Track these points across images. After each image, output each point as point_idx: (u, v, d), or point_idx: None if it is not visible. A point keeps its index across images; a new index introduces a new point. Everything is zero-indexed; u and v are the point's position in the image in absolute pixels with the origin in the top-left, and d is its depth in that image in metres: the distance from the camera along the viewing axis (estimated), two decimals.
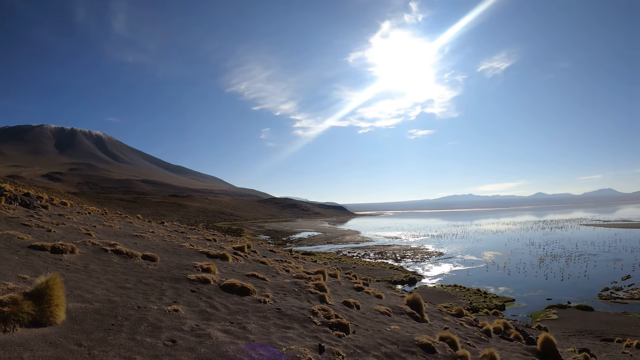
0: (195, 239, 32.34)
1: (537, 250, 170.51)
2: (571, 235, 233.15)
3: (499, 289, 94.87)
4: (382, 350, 10.42)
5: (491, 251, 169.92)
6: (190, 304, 10.39)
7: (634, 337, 53.57)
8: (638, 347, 45.65)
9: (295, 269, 24.42)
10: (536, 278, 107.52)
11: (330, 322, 11.27)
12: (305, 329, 10.39)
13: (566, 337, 54.11)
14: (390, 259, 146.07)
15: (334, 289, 19.73)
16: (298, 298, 13.99)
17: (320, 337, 9.97)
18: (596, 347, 45.92)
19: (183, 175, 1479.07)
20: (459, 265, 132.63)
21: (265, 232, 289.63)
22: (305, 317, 11.27)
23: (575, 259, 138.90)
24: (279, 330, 9.84)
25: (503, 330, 22.36)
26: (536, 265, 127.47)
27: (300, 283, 16.49)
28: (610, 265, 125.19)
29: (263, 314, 10.79)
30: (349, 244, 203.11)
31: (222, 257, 20.46)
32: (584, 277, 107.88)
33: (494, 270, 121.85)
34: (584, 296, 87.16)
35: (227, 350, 7.71)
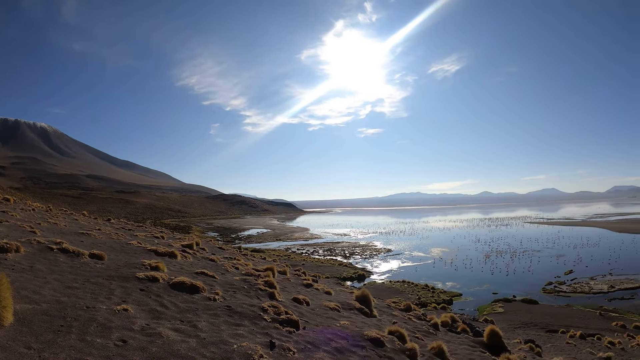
0: (143, 236, 31.85)
1: (483, 246, 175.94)
2: (516, 233, 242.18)
3: (447, 284, 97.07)
4: (332, 345, 10.64)
5: (438, 248, 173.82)
6: (140, 303, 10.36)
7: (577, 328, 55.96)
8: (581, 337, 47.71)
9: (245, 266, 24.44)
10: (482, 273, 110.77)
11: (281, 319, 11.47)
12: (255, 325, 10.55)
13: (512, 329, 55.83)
14: (339, 255, 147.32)
15: (283, 285, 19.89)
16: (248, 295, 14.08)
17: (271, 334, 10.15)
18: (541, 338, 47.61)
19: (130, 171, 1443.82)
20: (407, 261, 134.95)
21: (214, 229, 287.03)
22: (256, 314, 11.42)
23: (520, 255, 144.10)
24: (230, 327, 9.95)
25: (450, 323, 23.01)
26: (482, 261, 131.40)
27: (249, 280, 16.57)
28: (554, 260, 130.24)
29: (213, 312, 10.87)
30: (298, 241, 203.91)
31: (170, 254, 20.30)
32: (528, 272, 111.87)
33: (442, 266, 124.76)
34: (528, 290, 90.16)
35: (179, 349, 7.82)
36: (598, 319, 66.00)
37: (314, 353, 9.76)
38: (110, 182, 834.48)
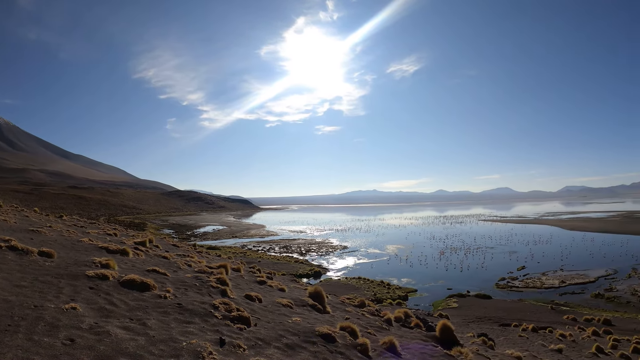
0: (96, 233, 31.31)
1: (437, 243, 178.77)
2: (470, 230, 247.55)
3: (402, 280, 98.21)
4: (283, 342, 10.85)
5: (394, 244, 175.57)
6: (89, 302, 10.31)
7: (529, 321, 57.48)
8: (534, 330, 49.11)
9: (198, 263, 24.36)
10: (437, 269, 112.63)
11: (232, 316, 11.58)
12: (206, 323, 10.63)
13: (466, 323, 56.89)
14: (295, 252, 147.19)
15: (236, 283, 19.92)
16: (199, 293, 14.11)
17: (221, 331, 10.27)
18: (494, 331, 48.69)
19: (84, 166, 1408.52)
20: (363, 258, 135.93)
21: (169, 226, 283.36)
22: (207, 312, 11.49)
23: (474, 252, 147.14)
24: (180, 325, 10.02)
25: (404, 319, 23.33)
26: (437, 258, 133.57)
27: (202, 277, 16.58)
28: (507, 257, 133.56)
29: (164, 310, 10.90)
30: (254, 238, 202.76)
31: (122, 252, 20.09)
32: (482, 268, 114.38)
33: (397, 262, 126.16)
34: (482, 285, 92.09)
35: (127, 347, 7.86)
36: (550, 313, 68.00)
37: (265, 349, 9.92)
38: (63, 177, 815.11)
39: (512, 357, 25.78)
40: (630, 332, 54.62)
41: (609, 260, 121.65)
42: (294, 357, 10.00)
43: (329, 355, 10.93)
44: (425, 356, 14.74)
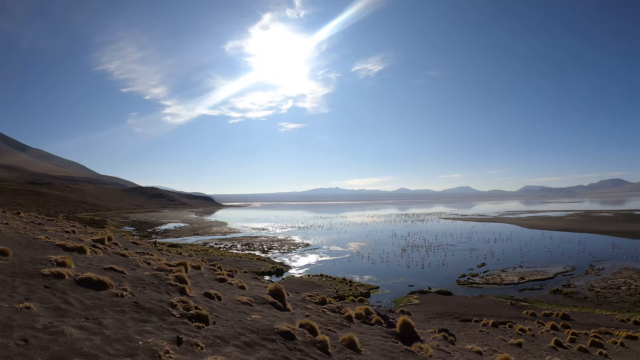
0: (53, 231, 30.73)
1: (399, 241, 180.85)
2: (431, 228, 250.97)
3: (364, 277, 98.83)
4: (241, 340, 10.85)
5: (356, 242, 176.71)
6: (44, 301, 10.12)
7: (489, 317, 58.79)
8: (494, 325, 50.18)
9: (157, 261, 24.12)
10: (399, 267, 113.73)
11: (190, 314, 11.53)
12: (163, 321, 10.56)
13: (428, 319, 57.64)
14: (257, 250, 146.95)
15: (196, 280, 19.81)
16: (157, 291, 13.99)
17: (179, 329, 10.22)
18: (455, 327, 49.47)
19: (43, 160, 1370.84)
20: (325, 255, 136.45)
21: (130, 224, 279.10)
22: (164, 310, 11.42)
23: (435, 249, 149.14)
24: (137, 324, 9.90)
25: (365, 315, 23.54)
26: (399, 255, 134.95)
27: (160, 275, 16.43)
28: (467, 254, 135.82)
29: (120, 308, 10.77)
30: (216, 236, 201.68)
31: (79, 250, 19.76)
32: (443, 265, 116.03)
33: (359, 260, 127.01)
34: (443, 282, 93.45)
35: (82, 347, 7.76)
36: (509, 308, 69.52)
37: (223, 348, 9.92)
38: (21, 172, 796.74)
39: (472, 351, 26.22)
40: (588, 326, 56.38)
41: (567, 258, 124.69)
42: (252, 355, 10.01)
43: (288, 353, 10.97)
44: (385, 352, 14.92)
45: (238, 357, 9.57)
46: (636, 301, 77.13)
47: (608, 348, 40.50)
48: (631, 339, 47.63)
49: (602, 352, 36.87)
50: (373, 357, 13.73)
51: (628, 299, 79.14)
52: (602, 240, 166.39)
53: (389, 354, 14.72)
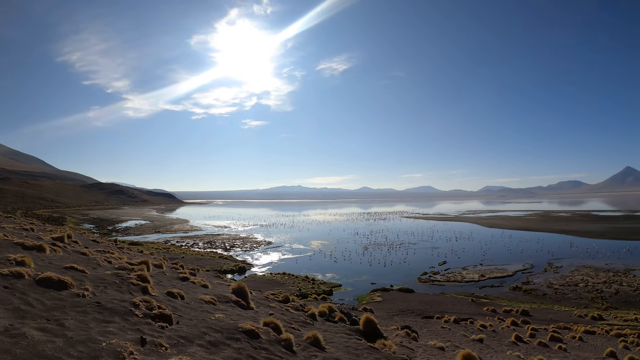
0: (11, 228, 29.95)
1: (361, 239, 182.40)
2: (393, 227, 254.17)
3: (327, 275, 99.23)
4: (206, 339, 10.78)
5: (319, 240, 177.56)
6: (3, 302, 9.83)
7: (451, 313, 59.70)
8: (455, 322, 50.98)
9: (119, 260, 23.76)
10: (361, 265, 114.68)
11: (153, 314, 11.39)
12: (126, 322, 10.39)
13: (390, 316, 58.03)
14: (219, 248, 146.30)
15: (158, 279, 19.58)
16: (119, 290, 13.77)
17: (142, 330, 10.07)
18: (418, 323, 49.98)
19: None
20: (287, 253, 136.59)
21: (90, 221, 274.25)
22: (127, 310, 11.23)
23: (397, 248, 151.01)
24: (99, 325, 9.71)
25: (328, 313, 23.62)
26: (361, 253, 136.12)
27: (122, 275, 16.18)
28: (429, 252, 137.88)
29: (82, 309, 10.55)
30: (178, 233, 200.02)
31: (39, 248, 19.30)
32: (405, 263, 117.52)
33: (322, 258, 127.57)
34: (405, 280, 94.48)
35: (44, 350, 7.59)
36: (470, 305, 70.70)
37: (187, 348, 9.84)
38: None
39: (435, 347, 26.56)
40: (547, 322, 57.77)
41: (526, 256, 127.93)
42: (217, 354, 9.96)
43: (253, 352, 10.94)
44: (349, 349, 15.00)
45: (203, 356, 9.51)
46: (593, 297, 79.63)
47: (567, 342, 41.61)
48: (589, 333, 49.07)
49: (562, 347, 37.82)
50: (337, 354, 13.79)
51: (585, 295, 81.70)
52: (560, 239, 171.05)
53: (353, 351, 14.80)
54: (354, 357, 13.91)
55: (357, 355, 14.33)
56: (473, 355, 18.63)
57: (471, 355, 18.53)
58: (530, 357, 31.44)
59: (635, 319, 63.61)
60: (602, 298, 79.65)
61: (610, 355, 34.77)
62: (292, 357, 11.93)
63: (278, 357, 11.33)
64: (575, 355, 35.38)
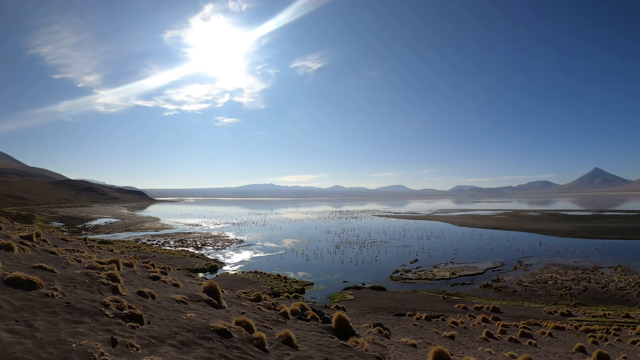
0: None
1: (333, 237, 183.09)
2: (365, 225, 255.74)
3: (299, 273, 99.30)
4: (177, 339, 10.71)
5: (290, 238, 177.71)
6: None
7: (422, 310, 60.33)
8: (427, 319, 51.63)
9: (88, 259, 23.47)
10: (333, 263, 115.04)
11: (124, 314, 11.27)
12: (97, 322, 10.26)
13: (363, 314, 58.39)
14: (191, 246, 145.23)
15: (129, 278, 19.40)
16: (89, 290, 13.60)
17: (113, 330, 9.96)
18: (390, 321, 50.42)
19: None
20: (259, 252, 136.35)
21: (59, 219, 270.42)
22: (97, 310, 11.10)
23: (369, 246, 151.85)
24: (69, 325, 9.58)
25: (300, 311, 23.66)
26: (333, 252, 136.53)
27: (92, 274, 15.99)
28: (400, 251, 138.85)
29: (51, 309, 10.38)
30: (149, 232, 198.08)
31: (6, 247, 18.95)
32: (376, 261, 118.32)
33: (293, 256, 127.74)
34: (377, 278, 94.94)
35: (14, 352, 7.47)
36: (442, 302, 71.58)
37: (159, 348, 9.77)
38: None
39: (407, 344, 26.75)
40: (517, 318, 58.87)
41: (496, 254, 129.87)
42: (189, 354, 9.92)
43: (225, 351, 10.92)
44: (322, 347, 15.04)
45: (175, 356, 9.46)
46: (563, 294, 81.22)
47: (537, 338, 42.58)
48: (558, 329, 50.32)
49: (532, 342, 38.66)
50: (310, 352, 13.82)
51: (555, 292, 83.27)
52: (529, 238, 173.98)
53: (326, 349, 14.85)
54: (326, 355, 13.95)
55: (329, 353, 14.38)
56: (445, 352, 18.83)
57: (443, 351, 18.74)
58: (501, 353, 31.97)
59: (604, 315, 65.15)
60: (571, 295, 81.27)
61: (580, 350, 35.56)
62: (264, 356, 11.92)
63: (250, 356, 11.32)
64: (546, 350, 36.07)
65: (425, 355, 22.06)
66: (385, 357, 18.07)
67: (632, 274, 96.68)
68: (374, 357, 15.90)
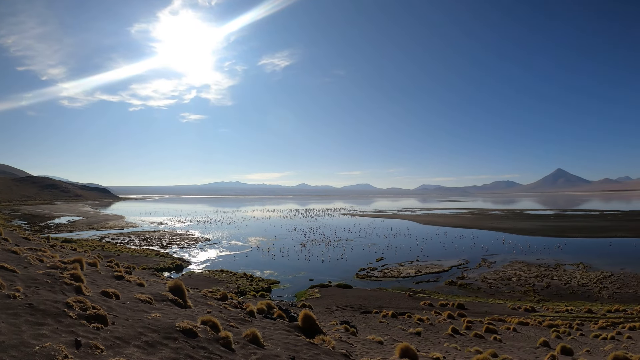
0: None
1: (299, 236, 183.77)
2: (331, 223, 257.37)
3: (265, 272, 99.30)
4: (143, 339, 10.59)
5: (256, 237, 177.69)
6: None
7: (388, 308, 60.84)
8: (393, 316, 52.11)
9: (51, 258, 23.07)
10: (299, 261, 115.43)
11: (87, 314, 11.09)
12: (60, 324, 10.10)
13: (329, 312, 58.64)
14: (156, 245, 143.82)
15: (92, 278, 19.12)
16: (52, 290, 13.36)
17: (76, 332, 9.81)
18: (356, 318, 50.76)
19: None
20: (225, 250, 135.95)
21: (21, 217, 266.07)
22: (60, 311, 10.90)
23: (335, 244, 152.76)
24: (32, 327, 9.41)
25: (267, 310, 23.66)
26: (299, 250, 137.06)
27: (54, 274, 15.72)
28: (366, 249, 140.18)
29: (13, 311, 10.19)
30: (113, 230, 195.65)
31: None
32: (342, 259, 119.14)
33: (260, 254, 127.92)
34: (343, 276, 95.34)
35: None
36: (408, 300, 72.36)
37: (124, 349, 9.66)
38: None
39: (374, 342, 26.92)
40: (482, 314, 59.94)
41: (461, 252, 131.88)
42: (154, 355, 9.82)
43: (191, 351, 10.85)
44: (288, 345, 15.06)
45: (140, 357, 9.37)
46: (526, 291, 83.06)
47: (502, 333, 43.51)
48: (522, 324, 51.63)
49: (497, 338, 39.40)
50: (277, 351, 13.82)
51: (518, 289, 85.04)
52: (494, 236, 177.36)
53: (292, 347, 14.88)
54: (293, 354, 13.98)
55: (296, 352, 14.40)
56: (411, 348, 19.01)
57: (409, 348, 18.91)
58: (467, 349, 32.43)
59: (566, 310, 66.82)
60: (534, 291, 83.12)
61: (543, 344, 36.33)
62: (231, 355, 11.89)
63: (217, 355, 11.27)
64: (510, 345, 36.75)
65: (392, 352, 22.24)
66: (352, 354, 18.17)
67: (594, 271, 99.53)
68: (341, 355, 15.99)
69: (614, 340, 40.67)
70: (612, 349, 33.73)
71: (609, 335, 42.79)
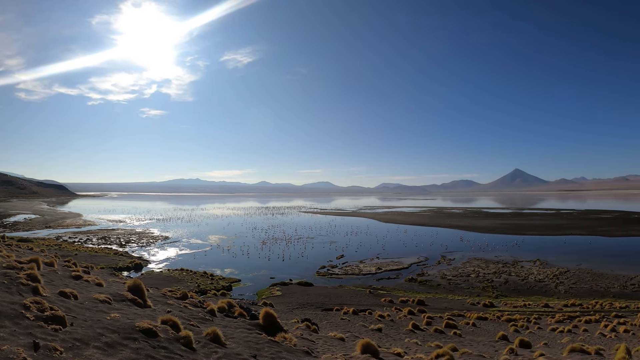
0: None
1: (260, 234, 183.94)
2: (291, 221, 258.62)
3: (225, 270, 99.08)
4: (102, 340, 10.47)
5: (217, 235, 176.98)
6: None
7: (350, 305, 61.40)
8: (354, 313, 52.65)
9: (7, 258, 22.50)
10: (260, 259, 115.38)
11: (45, 316, 10.89)
12: (17, 326, 9.90)
13: (291, 310, 58.65)
14: (114, 244, 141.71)
15: (50, 278, 18.75)
16: (8, 291, 13.07)
17: (34, 334, 9.63)
18: (318, 316, 50.97)
19: None
20: (185, 249, 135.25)
21: None
22: (17, 313, 10.69)
23: (295, 242, 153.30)
24: None
25: (227, 309, 23.57)
26: (259, 248, 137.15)
27: (10, 274, 15.38)
28: (327, 246, 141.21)
29: None
30: (70, 228, 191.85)
31: None
32: (303, 257, 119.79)
33: (220, 253, 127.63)
34: (304, 274, 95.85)
35: None
36: (368, 297, 73.01)
37: (83, 350, 9.55)
38: None
39: (335, 338, 27.10)
40: (442, 310, 61.00)
41: (421, 249, 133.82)
42: (115, 356, 9.73)
43: (152, 351, 10.78)
44: (250, 344, 15.10)
45: (100, 359, 9.27)
46: (485, 287, 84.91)
47: (461, 328, 44.41)
48: (481, 319, 52.74)
49: (457, 332, 40.22)
50: (238, 349, 13.83)
51: (477, 285, 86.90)
52: (452, 234, 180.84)
53: (254, 345, 14.92)
54: (255, 352, 14.00)
55: (258, 350, 14.44)
56: (372, 344, 19.18)
57: (370, 344, 19.08)
58: (428, 343, 32.96)
59: (524, 305, 68.61)
60: (492, 287, 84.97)
61: (502, 338, 37.16)
62: (192, 354, 11.85)
63: (178, 355, 11.23)
64: (470, 339, 37.46)
65: (353, 348, 22.41)
66: (314, 351, 18.27)
67: (550, 267, 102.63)
68: (303, 352, 16.09)
69: (570, 333, 41.95)
70: (569, 342, 34.66)
71: (566, 328, 44.15)
